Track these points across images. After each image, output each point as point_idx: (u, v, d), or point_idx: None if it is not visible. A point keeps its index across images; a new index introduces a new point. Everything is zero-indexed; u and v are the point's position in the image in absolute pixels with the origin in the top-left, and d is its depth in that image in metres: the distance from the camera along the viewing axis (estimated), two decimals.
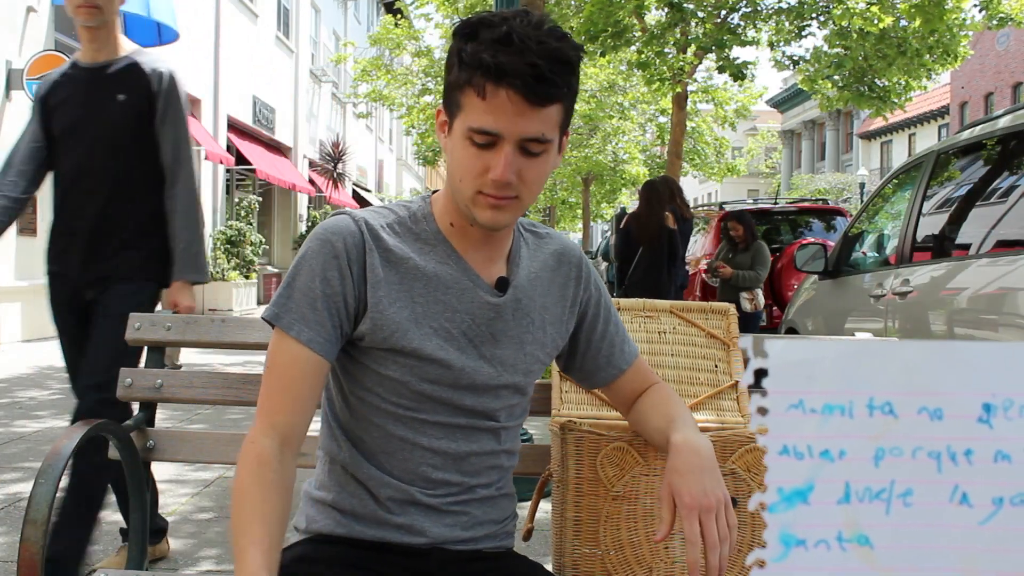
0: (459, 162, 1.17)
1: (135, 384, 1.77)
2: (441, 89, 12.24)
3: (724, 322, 1.80)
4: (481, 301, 1.25)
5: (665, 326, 1.78)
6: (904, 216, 4.25)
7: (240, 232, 13.90)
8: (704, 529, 1.17)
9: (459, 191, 1.19)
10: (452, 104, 1.17)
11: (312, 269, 1.19)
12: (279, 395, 1.17)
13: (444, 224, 1.26)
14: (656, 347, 1.77)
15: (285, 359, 1.17)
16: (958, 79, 30.80)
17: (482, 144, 1.14)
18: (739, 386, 1.74)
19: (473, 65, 1.12)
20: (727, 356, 1.78)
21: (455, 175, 1.19)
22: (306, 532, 1.31)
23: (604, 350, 1.40)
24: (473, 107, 1.13)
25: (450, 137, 1.19)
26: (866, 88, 11.25)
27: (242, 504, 1.10)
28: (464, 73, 1.13)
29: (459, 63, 1.14)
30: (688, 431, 1.27)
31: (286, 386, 1.17)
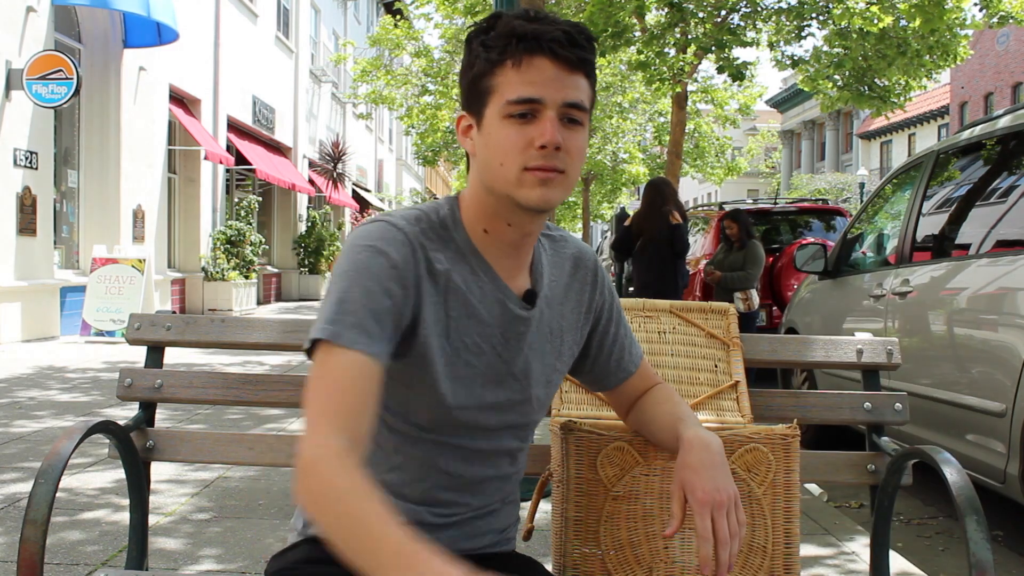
0: (498, 144, 1.13)
1: (135, 384, 1.77)
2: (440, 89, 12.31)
3: (724, 322, 1.80)
4: (511, 315, 1.22)
5: (665, 326, 1.78)
6: (904, 216, 4.25)
7: (240, 232, 13.89)
8: (716, 525, 1.17)
9: (500, 176, 1.13)
10: (479, 95, 1.14)
11: (368, 281, 1.09)
12: (344, 402, 1.03)
13: (476, 232, 1.20)
14: (656, 347, 1.77)
15: (344, 371, 1.04)
16: (958, 79, 30.80)
17: (523, 115, 1.11)
18: (739, 386, 1.74)
19: (503, 42, 1.11)
20: (727, 356, 1.78)
21: (495, 160, 1.13)
22: (305, 533, 1.29)
23: (615, 354, 1.38)
24: (509, 81, 1.11)
25: (481, 131, 1.15)
26: (866, 88, 11.25)
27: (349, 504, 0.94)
28: (492, 54, 1.12)
29: (484, 50, 1.13)
30: (698, 427, 1.28)
31: (349, 393, 1.04)
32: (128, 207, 11.19)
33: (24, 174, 8.92)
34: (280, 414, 5.33)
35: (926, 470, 1.52)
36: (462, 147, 1.23)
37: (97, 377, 6.80)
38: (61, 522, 3.11)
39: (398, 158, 35.19)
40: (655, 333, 1.78)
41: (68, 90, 8.85)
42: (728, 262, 7.06)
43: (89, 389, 6.20)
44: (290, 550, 1.29)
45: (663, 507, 1.40)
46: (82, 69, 9.33)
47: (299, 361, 8.17)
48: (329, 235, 19.38)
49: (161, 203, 12.30)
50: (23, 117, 8.89)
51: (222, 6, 14.54)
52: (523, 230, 1.20)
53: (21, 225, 8.89)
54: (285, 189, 18.16)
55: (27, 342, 8.95)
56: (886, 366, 1.77)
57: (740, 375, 1.75)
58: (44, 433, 4.66)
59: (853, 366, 1.79)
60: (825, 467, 1.75)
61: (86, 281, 9.85)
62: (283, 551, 1.30)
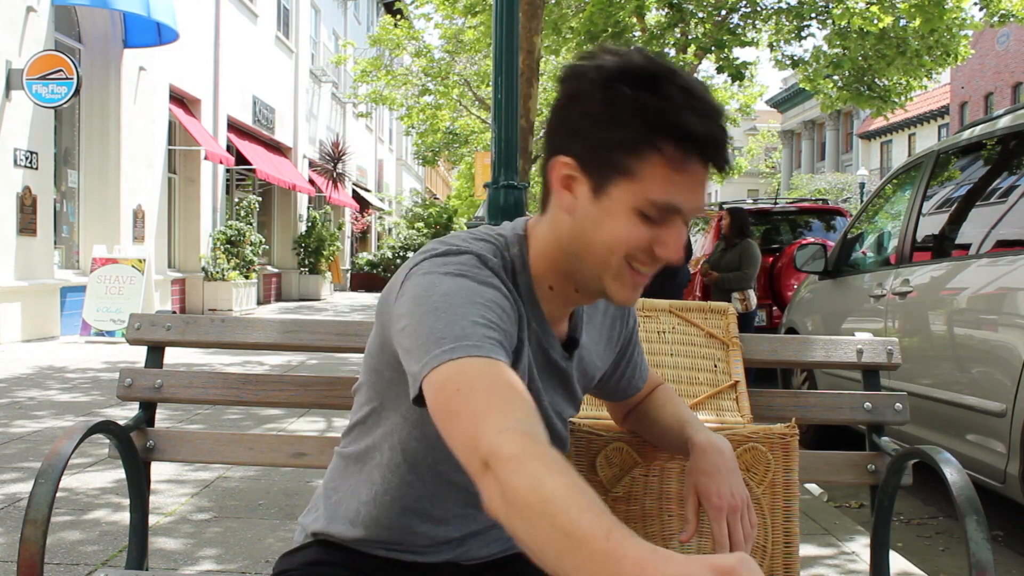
0: (614, 232, 1.02)
1: (135, 384, 1.77)
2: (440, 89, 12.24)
3: (723, 322, 1.80)
4: (555, 366, 1.20)
5: (664, 326, 1.78)
6: (904, 216, 4.25)
7: (240, 232, 13.90)
8: (731, 530, 1.18)
9: (599, 259, 1.05)
10: (611, 164, 1.01)
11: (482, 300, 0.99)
12: (508, 395, 0.89)
13: (541, 286, 1.13)
14: (656, 347, 1.76)
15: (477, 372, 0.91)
16: (958, 79, 30.79)
17: (655, 218, 1.01)
18: (738, 386, 1.74)
19: (667, 129, 0.98)
20: (726, 356, 1.78)
21: (602, 243, 1.03)
22: (318, 533, 1.26)
23: (628, 373, 1.38)
24: (656, 177, 0.99)
25: (596, 202, 1.03)
26: (866, 88, 11.26)
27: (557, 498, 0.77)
28: (646, 134, 0.98)
29: (640, 120, 0.98)
30: (707, 432, 1.28)
31: (505, 389, 0.89)
32: (128, 207, 11.19)
33: (24, 174, 8.92)
34: (280, 414, 5.33)
35: (926, 470, 1.52)
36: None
37: (97, 377, 6.80)
38: (61, 522, 3.11)
39: (398, 158, 35.19)
40: (655, 333, 1.78)
41: (68, 90, 8.85)
42: (724, 262, 7.04)
43: (89, 389, 6.20)
44: (299, 550, 1.27)
45: (662, 508, 1.40)
46: (82, 69, 9.33)
47: (299, 361, 8.17)
48: (329, 235, 19.38)
49: (161, 203, 12.30)
50: (23, 117, 8.89)
51: (222, 6, 14.54)
52: (588, 300, 1.16)
53: (21, 225, 8.88)
54: (285, 189, 18.16)
55: (27, 342, 8.95)
56: (886, 366, 1.77)
57: (740, 375, 1.75)
58: (44, 433, 4.66)
59: (853, 366, 1.79)
60: (825, 467, 1.75)
61: (86, 281, 9.85)
62: (292, 551, 1.29)
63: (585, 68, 1.04)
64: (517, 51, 4.12)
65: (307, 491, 3.64)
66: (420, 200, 32.98)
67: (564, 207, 1.06)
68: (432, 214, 27.03)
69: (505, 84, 4.04)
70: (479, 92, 18.12)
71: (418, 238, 25.52)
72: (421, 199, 33.76)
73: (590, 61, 1.04)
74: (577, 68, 1.05)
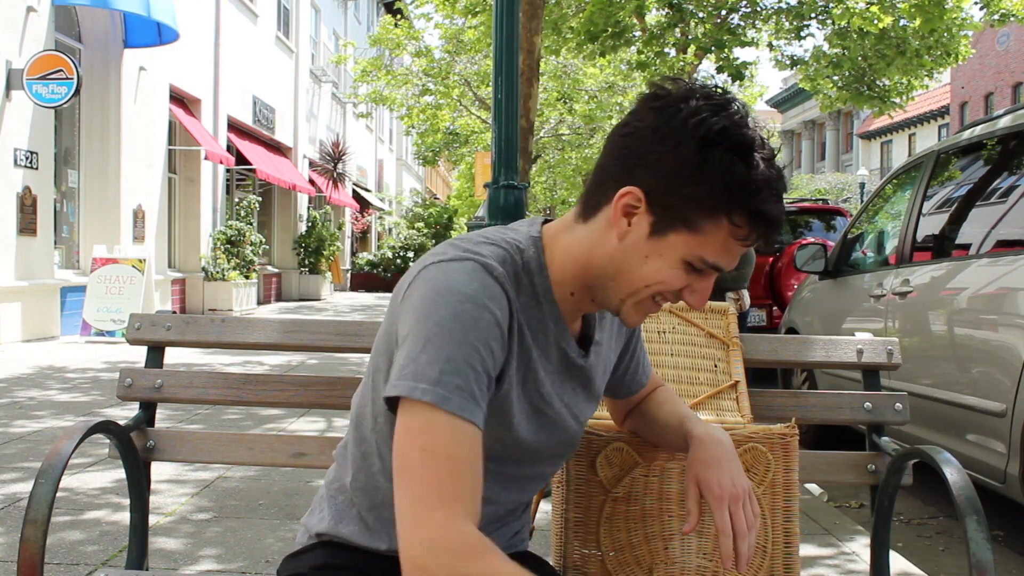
0: (658, 272, 1.07)
1: (135, 384, 1.77)
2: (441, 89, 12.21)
3: (724, 322, 1.80)
4: (571, 364, 1.21)
5: (665, 326, 1.78)
6: (904, 216, 4.25)
7: (240, 232, 13.90)
8: (734, 519, 1.18)
9: (631, 288, 1.10)
10: (679, 215, 1.04)
11: (475, 340, 1.01)
12: (462, 480, 0.97)
13: (562, 291, 1.15)
14: (656, 347, 1.77)
15: (446, 439, 0.97)
16: (958, 79, 30.79)
17: (698, 270, 1.07)
18: (739, 386, 1.74)
19: (745, 204, 1.02)
20: (727, 356, 1.78)
21: (642, 281, 1.08)
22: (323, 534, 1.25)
23: (632, 368, 1.39)
24: (718, 241, 1.04)
25: (650, 239, 1.06)
26: (865, 88, 11.26)
27: None
28: (725, 202, 1.02)
29: (724, 186, 1.01)
30: (705, 425, 1.29)
31: (466, 470, 0.98)
32: (128, 207, 11.19)
33: (24, 174, 8.92)
34: (280, 414, 5.33)
35: (926, 470, 1.52)
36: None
37: (97, 377, 6.80)
38: (61, 522, 3.11)
39: (398, 158, 35.19)
40: (655, 333, 1.78)
41: (68, 90, 8.86)
42: None
43: (89, 389, 6.20)
44: (305, 552, 1.27)
45: (663, 508, 1.40)
46: (82, 69, 9.33)
47: (299, 361, 8.18)
48: (329, 235, 19.38)
49: (161, 203, 12.30)
50: (23, 117, 8.89)
51: (222, 6, 14.54)
52: (597, 309, 1.20)
53: (21, 225, 8.89)
54: (285, 189, 18.16)
55: (27, 342, 8.95)
56: (886, 366, 1.77)
57: (740, 375, 1.75)
58: (44, 433, 4.66)
59: (853, 366, 1.79)
60: (825, 467, 1.75)
61: (86, 281, 9.85)
62: (297, 553, 1.28)
63: (679, 109, 1.04)
64: (517, 51, 4.12)
65: (307, 491, 3.64)
66: (420, 200, 32.99)
67: (616, 232, 1.07)
68: (432, 214, 27.03)
69: (505, 84, 4.03)
70: (479, 92, 18.13)
71: (418, 238, 25.52)
72: (421, 199, 33.77)
73: (684, 102, 1.04)
74: (670, 104, 1.05)
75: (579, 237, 1.12)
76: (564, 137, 22.41)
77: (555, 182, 26.58)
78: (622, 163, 1.06)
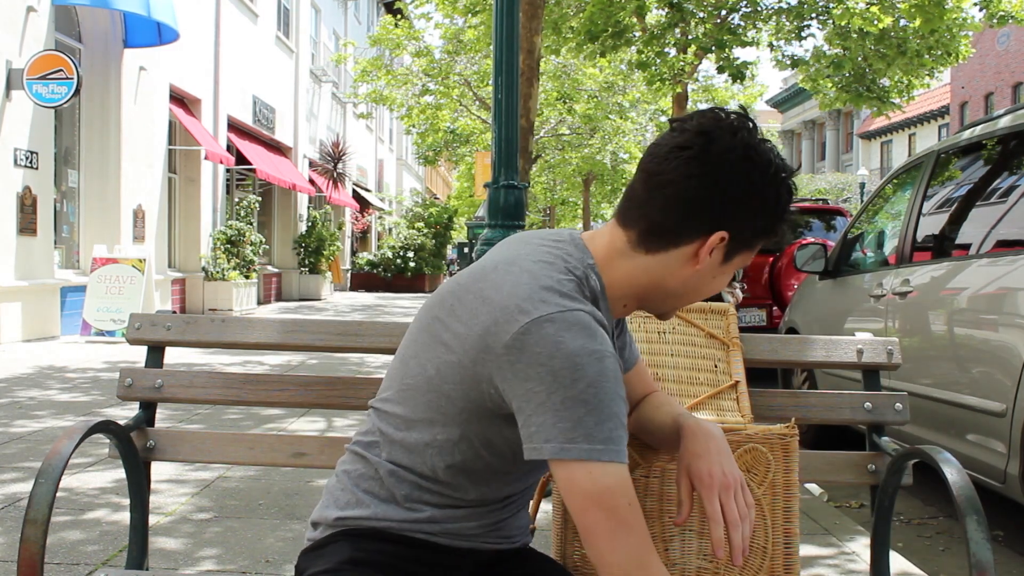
0: (718, 286, 1.27)
1: (135, 384, 1.77)
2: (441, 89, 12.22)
3: (724, 322, 1.80)
4: None
5: (665, 326, 1.78)
6: (904, 216, 4.25)
7: (240, 232, 13.89)
8: (725, 508, 1.20)
9: (686, 299, 1.29)
10: (747, 243, 1.23)
11: (615, 392, 1.12)
12: (643, 525, 1.14)
13: (616, 303, 1.27)
14: (656, 347, 1.77)
15: (633, 488, 1.13)
16: (958, 79, 30.79)
17: None
18: (739, 386, 1.74)
19: (777, 230, 1.23)
20: (727, 356, 1.78)
21: (705, 293, 1.27)
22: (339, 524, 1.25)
23: (628, 344, 1.44)
24: (751, 254, 1.25)
25: (724, 264, 1.24)
26: (864, 89, 11.26)
27: None
28: (774, 226, 1.23)
29: (783, 216, 1.23)
30: (697, 419, 1.31)
31: (640, 511, 1.14)
32: (128, 207, 11.19)
33: (24, 174, 8.92)
34: (280, 414, 5.33)
35: (926, 470, 1.52)
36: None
37: (97, 377, 6.80)
38: (61, 522, 3.11)
39: (398, 158, 35.19)
40: (655, 333, 1.78)
41: (68, 90, 8.85)
42: None
43: (89, 389, 6.20)
44: (326, 545, 1.25)
45: (663, 509, 1.40)
46: (82, 69, 9.32)
47: (299, 361, 8.18)
48: (329, 235, 19.38)
49: (161, 203, 12.30)
50: (23, 117, 8.89)
51: (222, 6, 14.54)
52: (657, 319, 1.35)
53: (21, 225, 8.88)
54: (285, 189, 18.16)
55: (27, 342, 8.96)
56: (886, 366, 1.77)
57: (740, 375, 1.75)
58: (44, 433, 4.66)
59: (853, 366, 1.79)
60: (825, 467, 1.75)
61: (86, 281, 9.85)
62: (316, 546, 1.26)
63: (765, 161, 1.19)
64: (517, 51, 4.12)
65: (307, 491, 3.64)
66: (420, 200, 32.97)
67: (696, 265, 1.21)
68: (432, 214, 27.03)
69: (505, 84, 4.03)
70: (479, 92, 18.13)
71: (418, 238, 25.51)
72: (421, 199, 33.75)
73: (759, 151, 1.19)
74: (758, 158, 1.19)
75: (646, 266, 1.23)
76: (564, 137, 22.41)
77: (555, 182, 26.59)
78: (709, 212, 1.18)
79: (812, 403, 1.78)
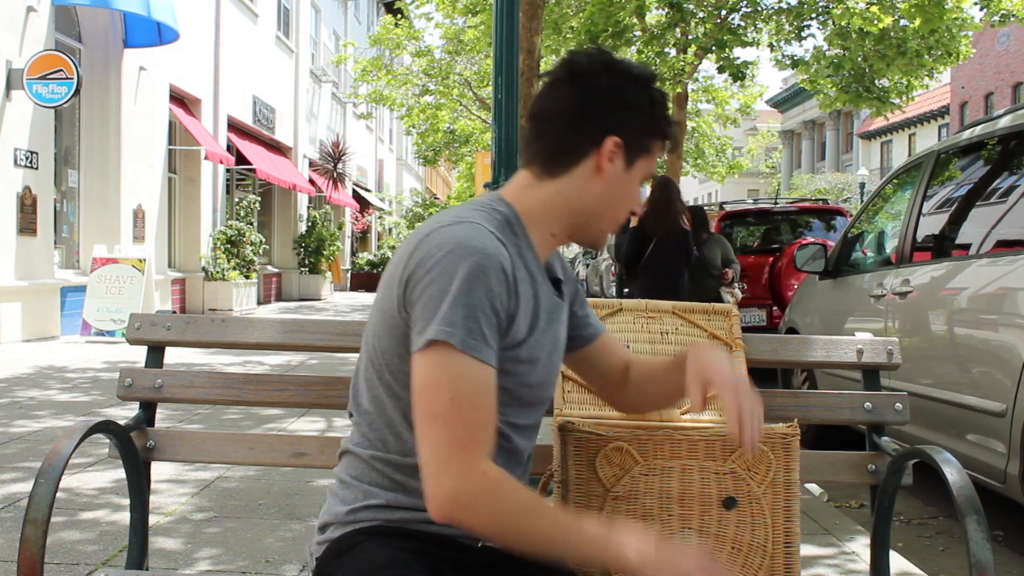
0: (629, 197, 1.33)
1: (135, 384, 1.77)
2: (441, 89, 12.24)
3: (727, 323, 1.80)
4: (554, 303, 1.34)
5: (668, 327, 1.79)
6: (904, 216, 4.25)
7: (240, 232, 13.89)
8: (741, 401, 1.25)
9: (609, 216, 1.32)
10: (641, 145, 1.31)
11: (484, 287, 1.15)
12: (482, 424, 1.14)
13: (541, 232, 1.31)
14: (659, 347, 1.77)
15: (476, 384, 1.14)
16: (958, 79, 30.79)
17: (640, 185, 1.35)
18: None
19: (668, 123, 1.33)
20: (730, 357, 1.78)
21: (618, 204, 1.32)
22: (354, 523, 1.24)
23: (582, 313, 1.48)
24: (656, 156, 1.34)
25: (628, 172, 1.30)
26: (864, 89, 11.26)
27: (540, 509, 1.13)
28: (659, 126, 1.31)
29: (663, 116, 1.31)
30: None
31: (485, 413, 1.15)
32: (128, 207, 11.19)
33: (24, 174, 8.92)
34: (280, 414, 5.33)
35: (926, 470, 1.52)
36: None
37: (97, 377, 6.80)
38: (61, 522, 3.11)
39: (398, 158, 35.18)
40: (658, 334, 1.78)
41: (68, 90, 8.85)
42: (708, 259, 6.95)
43: (89, 389, 6.20)
44: (350, 548, 1.22)
45: (663, 507, 1.40)
46: (82, 69, 9.32)
47: (299, 361, 8.18)
48: (329, 235, 19.37)
49: (161, 203, 12.30)
50: (23, 117, 8.88)
51: (222, 6, 14.53)
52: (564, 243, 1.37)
53: (21, 225, 8.88)
54: (285, 189, 18.16)
55: (27, 342, 8.96)
56: (886, 366, 1.77)
57: (743, 376, 1.75)
58: (44, 433, 4.66)
59: (853, 366, 1.79)
60: (825, 467, 1.75)
61: (86, 281, 9.85)
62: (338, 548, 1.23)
63: (626, 68, 1.30)
64: (517, 51, 4.11)
65: (307, 491, 3.64)
66: (420, 200, 32.98)
67: (603, 175, 1.28)
68: (432, 214, 27.03)
69: (505, 84, 4.03)
70: (479, 92, 18.12)
71: None
72: (421, 199, 33.76)
73: (619, 61, 1.30)
74: (618, 67, 1.29)
75: (556, 189, 1.30)
76: None
77: None
78: (593, 122, 1.27)
79: (812, 403, 1.78)
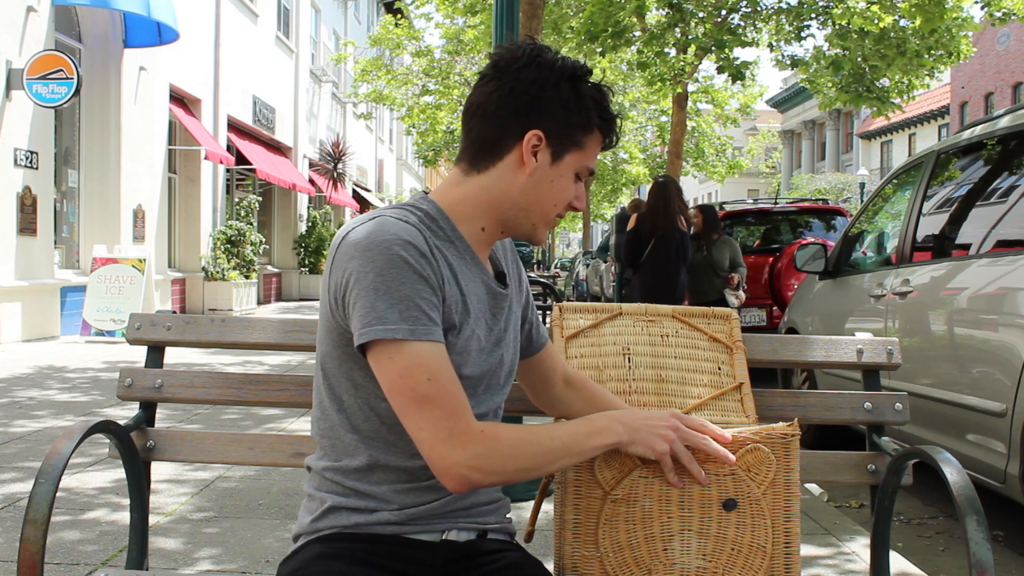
0: (560, 191, 1.31)
1: (135, 384, 1.77)
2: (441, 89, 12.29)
3: (727, 326, 1.80)
4: (494, 293, 1.35)
5: (668, 330, 1.78)
6: (904, 216, 4.24)
7: (240, 232, 13.89)
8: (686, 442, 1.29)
9: (539, 212, 1.32)
10: (568, 139, 1.29)
11: (410, 273, 1.19)
12: (459, 391, 1.20)
13: (471, 227, 1.32)
14: (659, 350, 1.76)
15: (439, 360, 1.19)
16: (958, 79, 30.79)
17: (581, 179, 1.33)
18: (743, 388, 1.74)
19: (604, 118, 1.31)
20: (730, 359, 1.77)
21: (548, 200, 1.31)
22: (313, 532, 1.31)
23: (535, 325, 1.51)
24: (592, 150, 1.32)
25: (552, 167, 1.29)
26: (864, 88, 11.25)
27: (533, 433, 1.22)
28: (587, 120, 1.29)
29: (594, 107, 1.29)
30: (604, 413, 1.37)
31: (456, 382, 1.20)
32: (128, 207, 11.19)
33: (24, 174, 8.92)
34: (280, 414, 5.33)
35: (926, 470, 1.52)
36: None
37: (97, 377, 6.80)
38: (61, 522, 3.11)
39: (398, 158, 35.18)
40: (658, 337, 1.78)
41: (68, 90, 8.85)
42: (716, 260, 6.97)
43: (89, 389, 6.20)
44: (299, 552, 1.31)
45: (662, 509, 1.40)
46: (82, 69, 9.32)
47: (299, 361, 8.17)
48: (329, 235, 19.38)
49: (161, 203, 12.30)
50: (23, 117, 8.89)
51: (222, 6, 14.53)
52: (501, 238, 1.38)
53: (21, 225, 8.88)
54: (285, 189, 18.16)
55: (27, 342, 8.96)
56: (886, 366, 1.77)
57: (744, 377, 1.75)
58: (44, 433, 4.66)
59: (853, 366, 1.79)
60: (825, 467, 1.75)
61: (86, 281, 9.85)
62: (292, 554, 1.32)
63: (551, 62, 1.28)
64: None
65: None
66: None
67: (526, 169, 1.28)
68: None
69: None
70: None
71: None
72: None
73: (544, 55, 1.29)
74: (543, 61, 1.28)
75: (482, 184, 1.31)
76: None
77: None
78: (514, 116, 1.27)
79: (812, 403, 1.78)
